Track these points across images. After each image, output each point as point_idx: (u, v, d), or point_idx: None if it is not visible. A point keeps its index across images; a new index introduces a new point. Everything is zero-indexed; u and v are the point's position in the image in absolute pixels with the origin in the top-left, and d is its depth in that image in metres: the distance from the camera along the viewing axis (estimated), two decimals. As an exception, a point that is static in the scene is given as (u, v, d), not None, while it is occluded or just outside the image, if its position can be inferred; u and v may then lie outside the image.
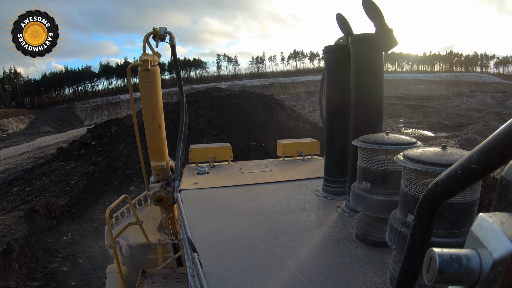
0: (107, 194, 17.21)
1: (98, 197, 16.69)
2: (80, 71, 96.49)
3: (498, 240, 0.55)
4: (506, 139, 0.58)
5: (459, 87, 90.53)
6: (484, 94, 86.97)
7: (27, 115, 68.35)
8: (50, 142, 38.29)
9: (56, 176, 20.55)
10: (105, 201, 16.18)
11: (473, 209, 1.50)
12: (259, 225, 2.85)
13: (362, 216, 2.47)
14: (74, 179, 19.54)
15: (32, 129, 58.45)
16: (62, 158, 23.74)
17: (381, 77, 2.99)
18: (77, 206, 15.14)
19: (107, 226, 4.85)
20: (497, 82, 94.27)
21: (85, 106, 77.19)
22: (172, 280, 5.61)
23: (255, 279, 2.02)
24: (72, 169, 21.49)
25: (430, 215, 0.79)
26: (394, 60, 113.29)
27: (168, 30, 4.44)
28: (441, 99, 79.84)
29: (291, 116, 25.17)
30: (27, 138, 44.63)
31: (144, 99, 4.41)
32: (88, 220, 14.34)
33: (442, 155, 1.51)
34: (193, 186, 4.14)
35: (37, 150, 32.29)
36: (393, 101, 61.92)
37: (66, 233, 12.93)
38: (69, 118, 68.69)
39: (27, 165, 25.65)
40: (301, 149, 5.52)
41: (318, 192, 3.69)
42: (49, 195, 17.23)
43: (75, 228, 13.43)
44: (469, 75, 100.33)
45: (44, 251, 11.53)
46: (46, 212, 12.89)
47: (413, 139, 2.26)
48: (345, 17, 3.20)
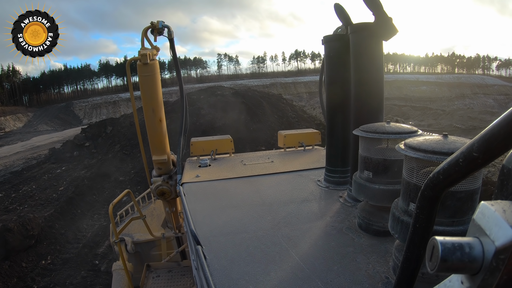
0: (96, 205, 15.47)
1: (86, 209, 14.97)
2: (80, 69, 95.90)
3: (500, 228, 0.56)
4: (507, 127, 0.58)
5: (462, 89, 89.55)
6: (486, 96, 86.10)
7: (25, 114, 67.13)
8: (45, 141, 36.39)
9: (45, 181, 18.81)
10: (94, 213, 14.60)
11: (475, 197, 1.50)
12: (262, 217, 2.86)
13: (364, 205, 2.48)
14: (64, 185, 17.70)
15: (30, 128, 56.75)
16: (54, 160, 22.29)
17: (381, 66, 2.98)
18: (61, 221, 13.39)
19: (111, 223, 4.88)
20: (499, 84, 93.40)
21: (84, 105, 76.06)
22: (176, 273, 5.66)
23: (259, 270, 2.03)
24: (62, 173, 19.85)
25: (432, 203, 0.79)
26: (396, 61, 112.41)
27: (166, 24, 4.42)
28: (444, 101, 78.77)
29: (302, 117, 23.66)
30: (23, 137, 43.08)
31: (144, 93, 4.40)
32: (73, 238, 12.50)
33: (444, 143, 1.51)
34: (195, 179, 4.15)
35: (30, 151, 30.53)
36: (395, 102, 60.75)
37: (46, 255, 11.09)
38: (67, 117, 67.76)
39: (17, 166, 23.69)
40: (302, 140, 5.52)
41: (320, 182, 3.70)
42: (34, 203, 15.53)
43: (56, 249, 11.55)
44: (471, 77, 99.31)
45: (18, 279, 9.85)
46: (22, 231, 11.03)
47: (414, 127, 2.26)
48: (343, 7, 3.18)
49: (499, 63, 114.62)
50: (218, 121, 20.81)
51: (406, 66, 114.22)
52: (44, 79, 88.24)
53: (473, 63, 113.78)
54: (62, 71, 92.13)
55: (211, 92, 26.07)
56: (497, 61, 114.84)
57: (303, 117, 23.56)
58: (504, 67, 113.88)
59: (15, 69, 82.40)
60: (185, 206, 3.25)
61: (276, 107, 23.74)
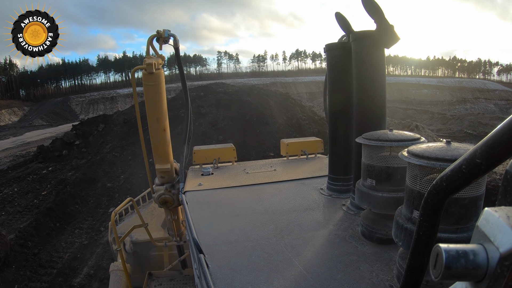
0: (79, 217, 13.37)
1: (66, 222, 12.95)
2: (78, 64, 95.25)
3: (505, 235, 0.55)
4: (510, 133, 0.58)
5: (463, 93, 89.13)
6: (488, 101, 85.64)
7: (21, 108, 66.23)
8: (37, 137, 34.40)
9: (28, 183, 17.00)
10: (75, 228, 12.64)
11: (479, 203, 1.50)
12: (264, 225, 2.85)
13: (368, 213, 2.47)
14: (47, 189, 15.81)
15: (25, 122, 55.31)
16: (42, 159, 20.38)
17: (383, 74, 2.99)
18: (35, 237, 11.38)
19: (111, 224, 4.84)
20: (501, 89, 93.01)
21: (81, 100, 75.58)
22: (178, 282, 5.62)
23: (262, 279, 2.02)
24: (48, 174, 17.95)
25: (435, 210, 0.79)
26: (397, 64, 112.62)
27: (172, 33, 4.44)
28: (445, 105, 78.45)
29: (312, 119, 21.13)
30: (16, 132, 41.66)
31: (148, 102, 4.42)
32: (47, 260, 10.56)
33: (447, 150, 1.51)
34: (198, 188, 4.14)
35: (20, 147, 28.79)
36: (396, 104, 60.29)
37: (12, 284, 9.21)
38: (63, 112, 66.04)
39: (3, 165, 21.97)
40: (304, 148, 5.52)
41: (323, 191, 3.68)
42: (12, 210, 13.93)
43: (26, 275, 9.62)
44: (472, 81, 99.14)
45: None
46: (-15, 252, 9.16)
47: (417, 135, 2.26)
48: (344, 15, 3.20)
49: (500, 68, 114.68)
50: (220, 122, 18.77)
51: (407, 68, 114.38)
52: (41, 73, 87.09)
53: (474, 68, 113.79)
54: (60, 65, 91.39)
55: (212, 89, 23.73)
56: (498, 66, 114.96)
57: (313, 119, 21.06)
58: (505, 72, 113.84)
59: (12, 62, 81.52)
60: (188, 215, 3.24)
61: (284, 107, 21.25)
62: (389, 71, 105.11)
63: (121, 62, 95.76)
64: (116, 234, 4.77)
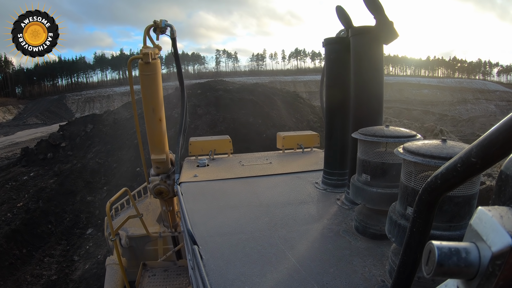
0: (50, 241, 11.33)
1: (34, 248, 10.91)
2: (74, 61, 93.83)
3: (497, 234, 0.56)
4: (506, 133, 0.58)
5: (464, 93, 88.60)
6: (488, 102, 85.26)
7: (16, 106, 65.11)
8: (27, 137, 32.31)
9: (6, 191, 14.87)
10: (45, 255, 10.76)
11: (473, 202, 1.51)
12: (259, 218, 2.86)
13: (362, 208, 2.48)
14: (24, 200, 13.74)
15: (19, 121, 53.94)
16: (25, 163, 18.59)
17: (381, 70, 2.98)
18: None
19: (107, 218, 4.86)
20: (501, 90, 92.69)
21: (77, 98, 74.03)
22: (172, 273, 5.66)
23: (255, 271, 2.03)
24: (29, 181, 16.02)
25: (429, 208, 0.80)
26: (396, 63, 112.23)
27: (169, 23, 4.42)
28: (446, 105, 77.86)
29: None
30: (9, 131, 39.81)
31: (144, 92, 4.40)
32: None
33: (442, 148, 1.51)
34: (193, 179, 4.14)
35: (7, 148, 26.70)
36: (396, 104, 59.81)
37: None
38: (59, 110, 64.58)
39: None
40: (301, 142, 5.52)
41: (318, 185, 3.70)
42: None
43: None
44: (473, 82, 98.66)
45: None
46: None
47: (413, 131, 2.26)
48: (344, 9, 3.18)
49: (500, 69, 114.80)
50: (219, 124, 16.31)
51: (406, 68, 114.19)
52: (37, 70, 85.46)
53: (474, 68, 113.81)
54: (57, 63, 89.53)
55: (211, 87, 21.17)
56: (498, 67, 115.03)
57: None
58: (505, 73, 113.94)
59: (7, 59, 79.73)
60: (182, 206, 3.25)
61: (292, 107, 18.96)
62: (388, 71, 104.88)
63: (118, 60, 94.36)
64: (111, 225, 4.78)
